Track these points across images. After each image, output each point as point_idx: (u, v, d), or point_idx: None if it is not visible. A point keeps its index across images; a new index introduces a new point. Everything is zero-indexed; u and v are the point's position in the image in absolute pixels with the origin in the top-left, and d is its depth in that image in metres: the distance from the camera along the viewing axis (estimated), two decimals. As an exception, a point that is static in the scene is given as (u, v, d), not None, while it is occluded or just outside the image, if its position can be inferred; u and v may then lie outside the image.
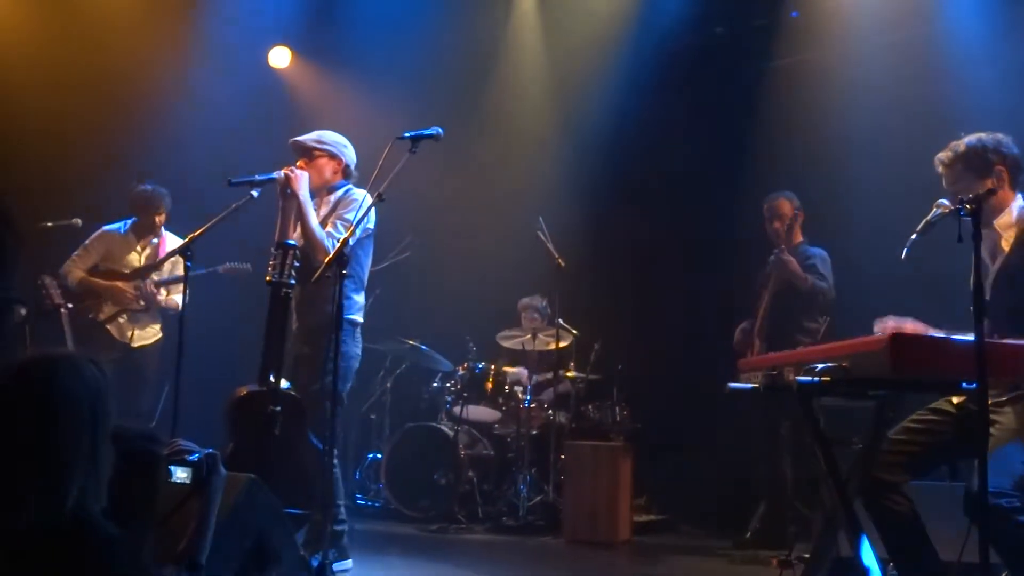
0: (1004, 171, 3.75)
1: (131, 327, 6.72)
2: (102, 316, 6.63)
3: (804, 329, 6.24)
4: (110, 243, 6.82)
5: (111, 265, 6.76)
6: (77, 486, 1.98)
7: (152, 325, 6.83)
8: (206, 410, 5.13)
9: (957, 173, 3.78)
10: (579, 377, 7.68)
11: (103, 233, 6.84)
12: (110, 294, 6.66)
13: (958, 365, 3.07)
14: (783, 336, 6.11)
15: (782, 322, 6.29)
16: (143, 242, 6.86)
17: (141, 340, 6.76)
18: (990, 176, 3.72)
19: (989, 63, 6.74)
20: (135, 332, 6.73)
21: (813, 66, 7.84)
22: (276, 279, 4.62)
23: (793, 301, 6.29)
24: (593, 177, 8.66)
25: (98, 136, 7.78)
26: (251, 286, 6.21)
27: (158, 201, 6.83)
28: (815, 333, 6.24)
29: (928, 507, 3.65)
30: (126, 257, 6.81)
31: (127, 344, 6.69)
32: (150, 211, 6.82)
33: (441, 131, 4.62)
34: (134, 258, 6.82)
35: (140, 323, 6.76)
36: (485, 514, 7.32)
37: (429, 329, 8.09)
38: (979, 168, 3.75)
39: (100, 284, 6.67)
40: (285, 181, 5.03)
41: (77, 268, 6.68)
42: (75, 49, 7.97)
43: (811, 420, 3.43)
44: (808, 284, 6.24)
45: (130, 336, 6.72)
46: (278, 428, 4.46)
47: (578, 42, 8.76)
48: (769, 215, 6.54)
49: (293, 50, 8.96)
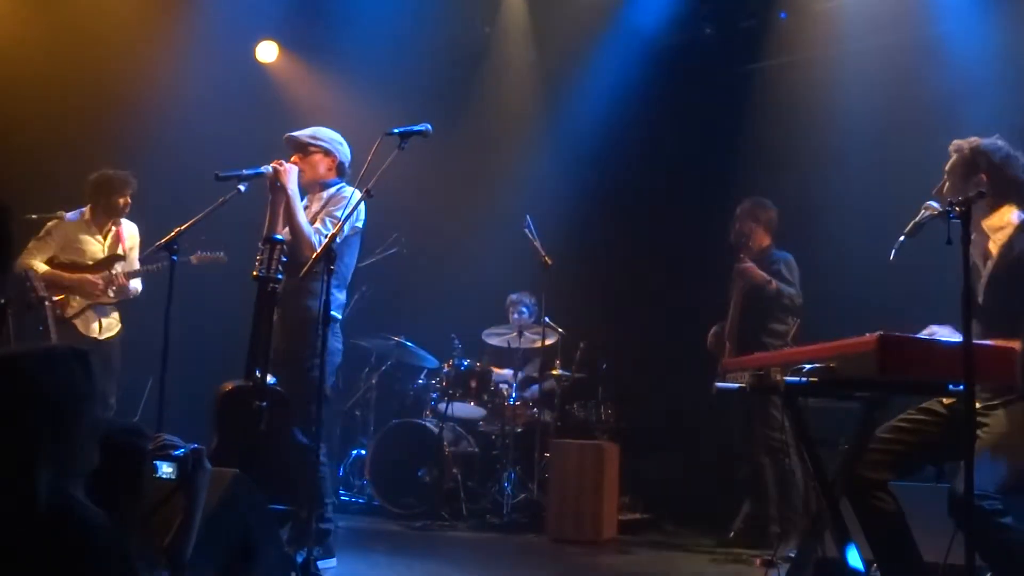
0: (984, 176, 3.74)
1: (96, 318, 6.57)
2: (69, 312, 6.46)
3: (770, 331, 6.34)
4: (69, 232, 6.61)
5: (71, 256, 6.56)
6: (45, 482, 1.96)
7: (115, 313, 6.70)
8: (191, 405, 5.10)
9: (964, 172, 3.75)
10: (564, 375, 7.68)
11: (61, 222, 6.61)
12: (78, 287, 6.49)
13: (946, 367, 3.08)
14: (750, 338, 6.23)
15: (749, 325, 6.39)
16: (103, 228, 6.69)
17: (107, 332, 6.64)
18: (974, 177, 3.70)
19: (978, 66, 6.78)
20: (101, 323, 6.60)
21: (801, 67, 7.87)
22: (263, 274, 4.58)
23: (758, 305, 6.37)
24: (580, 176, 8.68)
25: (84, 129, 7.74)
26: (236, 281, 6.16)
27: (120, 184, 6.63)
28: (783, 335, 6.34)
29: (914, 508, 3.65)
30: (86, 246, 6.62)
31: (95, 338, 6.53)
32: (113, 194, 6.61)
33: (431, 127, 4.60)
34: (95, 248, 6.64)
35: (105, 313, 6.64)
36: (469, 511, 7.32)
37: (415, 326, 8.07)
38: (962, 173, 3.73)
39: (67, 278, 6.47)
40: (274, 175, 5.00)
41: (35, 260, 6.43)
42: (63, 43, 7.93)
43: (797, 421, 3.44)
44: (773, 288, 6.30)
45: (97, 329, 6.58)
46: (264, 424, 4.43)
47: (566, 41, 8.78)
48: (741, 217, 6.61)
49: (280, 45, 8.94)
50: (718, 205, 7.64)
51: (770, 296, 6.31)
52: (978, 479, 3.01)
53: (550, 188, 8.55)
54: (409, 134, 4.55)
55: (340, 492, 7.82)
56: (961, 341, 2.99)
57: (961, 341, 2.99)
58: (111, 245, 6.70)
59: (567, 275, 7.76)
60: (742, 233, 6.57)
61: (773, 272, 6.37)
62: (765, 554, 5.83)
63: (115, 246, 6.69)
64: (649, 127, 8.40)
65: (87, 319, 6.55)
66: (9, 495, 1.95)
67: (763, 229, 6.57)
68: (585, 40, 8.56)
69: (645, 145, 8.50)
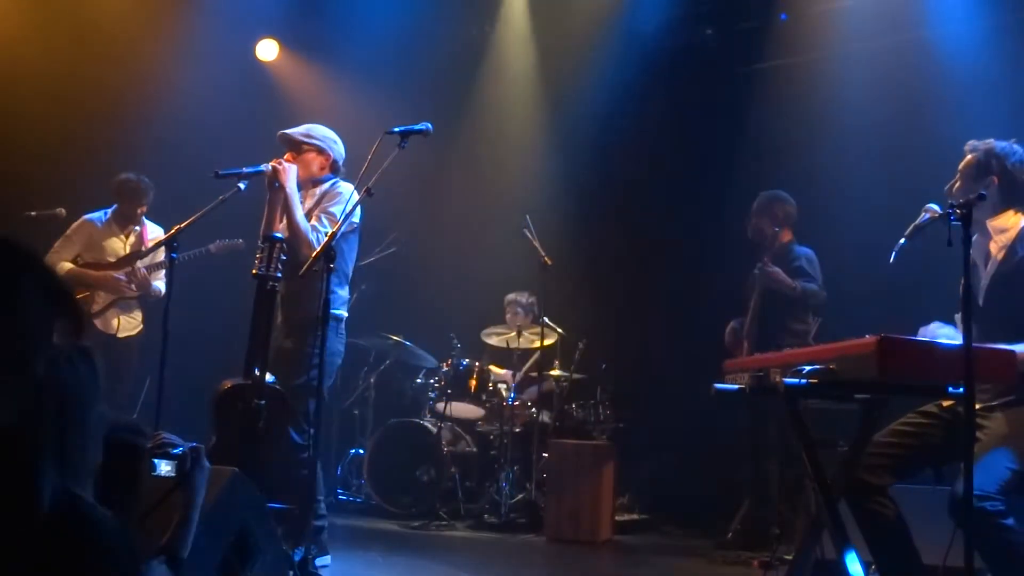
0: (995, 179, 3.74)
1: (117, 315, 6.67)
2: (95, 308, 6.57)
3: (791, 331, 6.17)
4: (92, 232, 6.75)
5: (94, 255, 6.70)
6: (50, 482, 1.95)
7: (137, 312, 6.80)
8: (190, 403, 5.09)
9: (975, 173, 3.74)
10: (563, 376, 7.67)
11: (84, 222, 6.76)
12: (103, 284, 6.60)
13: (946, 369, 3.08)
14: (769, 339, 6.07)
15: (768, 325, 6.23)
16: (126, 230, 6.82)
17: (126, 330, 6.72)
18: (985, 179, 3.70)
19: (978, 68, 6.78)
20: (121, 321, 6.68)
21: (802, 69, 7.87)
22: (262, 272, 4.57)
23: (779, 304, 6.22)
24: (580, 176, 8.68)
25: (85, 127, 7.73)
26: (237, 278, 6.16)
27: (144, 192, 6.78)
28: (804, 335, 6.18)
29: (913, 510, 3.66)
30: (110, 246, 6.75)
31: (113, 335, 6.64)
32: (134, 201, 6.77)
33: (431, 127, 4.61)
34: (118, 246, 6.77)
35: (127, 311, 6.73)
36: (467, 511, 7.32)
37: (414, 325, 8.06)
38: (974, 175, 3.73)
39: (92, 275, 6.60)
40: (273, 174, 4.99)
41: (61, 259, 6.58)
42: (63, 41, 7.90)
43: (797, 422, 3.44)
44: (798, 291, 6.16)
45: (116, 326, 6.67)
46: (262, 422, 4.42)
47: (566, 41, 8.78)
48: (758, 212, 6.47)
49: (281, 43, 8.93)
50: (718, 206, 7.66)
51: (794, 297, 6.19)
52: (979, 480, 3.02)
53: (549, 188, 8.55)
54: (409, 133, 4.56)
55: (338, 491, 7.83)
56: (960, 344, 2.99)
57: (960, 344, 2.99)
58: (134, 244, 6.80)
59: (566, 275, 7.76)
60: (761, 231, 6.40)
61: (794, 269, 6.22)
62: (763, 556, 5.83)
63: (138, 245, 6.79)
64: (648, 128, 8.40)
65: (106, 317, 6.63)
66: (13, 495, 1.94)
67: (782, 224, 6.38)
68: (585, 41, 8.55)
69: (644, 146, 8.50)
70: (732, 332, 6.50)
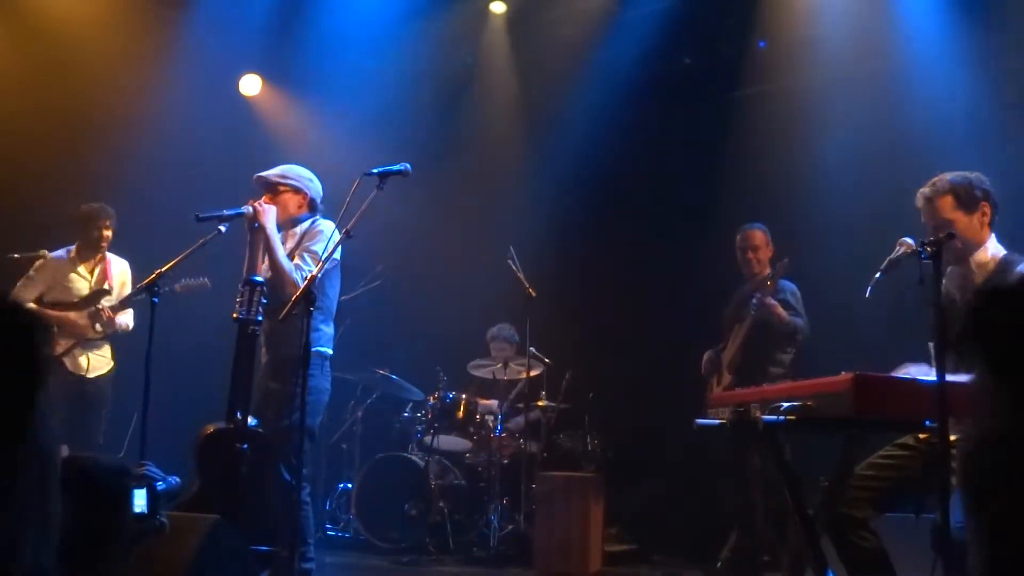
0: (987, 207, 3.79)
1: (84, 354, 6.60)
2: (58, 350, 6.44)
3: (776, 361, 6.22)
4: (55, 271, 6.67)
5: (58, 295, 6.62)
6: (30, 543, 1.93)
7: (105, 348, 6.73)
8: (173, 447, 5.07)
9: (940, 208, 3.78)
10: (550, 406, 7.67)
11: (48, 260, 6.67)
12: (64, 327, 6.50)
13: (921, 405, 3.10)
14: (756, 369, 6.10)
15: (756, 356, 6.25)
16: (89, 265, 6.74)
17: (97, 370, 6.66)
18: (976, 211, 3.75)
19: (958, 95, 6.82)
20: (91, 360, 6.63)
21: (781, 96, 7.91)
22: (243, 316, 4.59)
23: (769, 336, 6.23)
24: (563, 206, 8.70)
25: (66, 165, 7.70)
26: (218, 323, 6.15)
27: (100, 214, 6.68)
28: (788, 364, 6.23)
29: (895, 540, 3.66)
30: (73, 284, 6.67)
31: (83, 376, 6.58)
32: (92, 225, 6.67)
33: (410, 167, 4.62)
34: (81, 284, 6.69)
35: (94, 349, 6.66)
36: (456, 545, 7.28)
37: (400, 358, 8.07)
38: (967, 204, 3.77)
39: (52, 316, 6.43)
40: (253, 215, 5.01)
41: (23, 299, 6.38)
42: (44, 76, 7.89)
43: (777, 457, 3.45)
44: (790, 327, 6.17)
45: (86, 366, 6.61)
46: (245, 466, 4.42)
47: (548, 72, 8.83)
48: (742, 245, 6.52)
49: (264, 78, 8.96)
50: (700, 234, 7.68)
51: (783, 331, 6.20)
52: (958, 511, 3.02)
53: (533, 219, 8.57)
54: (388, 174, 4.57)
55: (326, 527, 7.79)
56: (935, 379, 3.01)
57: (935, 379, 3.01)
58: (97, 280, 6.72)
59: (552, 306, 7.77)
60: (760, 262, 6.44)
61: (780, 303, 6.22)
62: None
63: (101, 281, 6.71)
64: (630, 156, 8.44)
65: (74, 357, 6.56)
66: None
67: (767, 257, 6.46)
68: (566, 71, 8.61)
69: (626, 175, 8.53)
70: (708, 361, 6.53)
